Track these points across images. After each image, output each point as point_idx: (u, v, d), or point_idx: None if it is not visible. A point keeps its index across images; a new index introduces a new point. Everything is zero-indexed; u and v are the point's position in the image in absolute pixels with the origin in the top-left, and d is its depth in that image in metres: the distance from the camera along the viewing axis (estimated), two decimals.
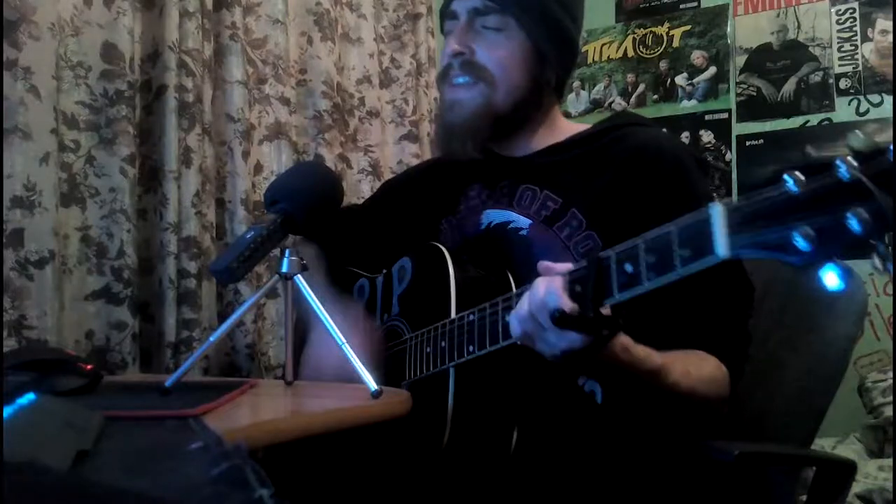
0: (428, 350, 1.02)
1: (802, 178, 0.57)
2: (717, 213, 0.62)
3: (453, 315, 1.00)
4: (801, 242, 0.56)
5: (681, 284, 0.69)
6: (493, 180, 1.16)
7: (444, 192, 1.22)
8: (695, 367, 0.93)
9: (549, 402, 1.00)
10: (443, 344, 0.99)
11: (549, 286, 0.79)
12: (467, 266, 1.06)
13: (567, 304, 0.76)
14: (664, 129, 1.21)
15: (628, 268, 0.72)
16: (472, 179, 1.19)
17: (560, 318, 0.75)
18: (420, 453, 0.99)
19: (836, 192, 0.55)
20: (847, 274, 0.57)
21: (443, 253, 1.06)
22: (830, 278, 0.57)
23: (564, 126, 1.17)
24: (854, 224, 0.53)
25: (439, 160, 1.35)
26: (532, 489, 0.96)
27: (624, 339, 0.84)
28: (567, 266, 0.82)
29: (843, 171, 0.54)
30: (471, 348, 0.94)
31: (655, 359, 0.87)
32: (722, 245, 0.62)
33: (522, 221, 1.09)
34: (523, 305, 0.82)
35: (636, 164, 1.04)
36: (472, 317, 0.95)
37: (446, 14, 1.14)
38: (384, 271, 1.22)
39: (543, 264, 0.85)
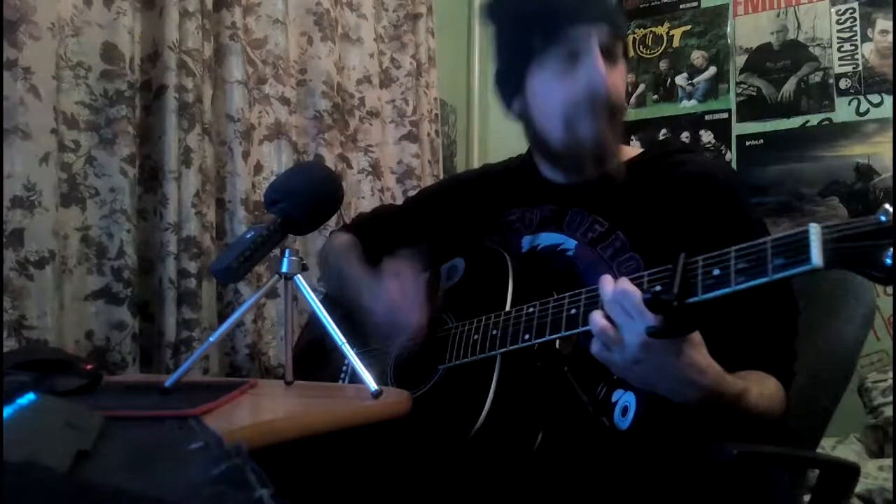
0: (476, 337, 1.03)
1: (891, 211, 0.69)
2: (815, 229, 0.72)
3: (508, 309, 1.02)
4: (888, 260, 0.68)
5: (735, 307, 0.77)
6: (536, 205, 1.16)
7: (486, 211, 1.22)
8: (766, 389, 0.95)
9: (575, 413, 1.01)
10: (494, 332, 1.00)
11: (619, 280, 0.84)
12: (523, 274, 1.07)
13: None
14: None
15: (716, 271, 0.79)
16: (512, 203, 1.20)
17: (653, 300, 0.79)
18: (449, 437, 0.99)
19: None
20: None
21: (504, 257, 1.08)
22: None
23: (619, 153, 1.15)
24: None
25: (479, 177, 1.34)
26: (546, 486, 0.97)
27: (718, 367, 0.87)
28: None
29: None
30: (526, 336, 0.96)
31: (738, 383, 0.90)
32: (817, 255, 0.71)
33: (569, 243, 1.10)
34: (606, 291, 0.85)
35: (690, 190, 1.05)
36: (531, 309, 0.97)
37: (567, 40, 1.05)
38: (429, 270, 1.22)
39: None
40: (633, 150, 1.17)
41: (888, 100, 2.42)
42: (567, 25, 1.05)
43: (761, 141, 2.59)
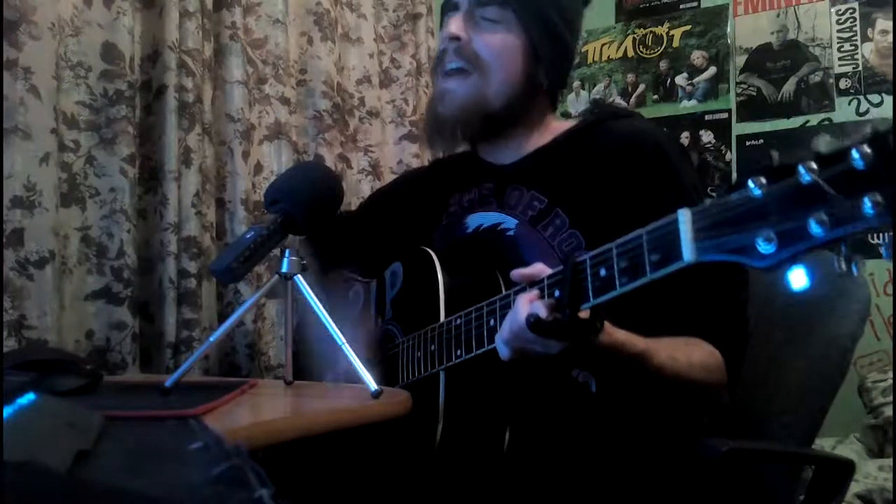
0: (418, 354, 1.03)
1: (765, 182, 0.58)
2: (684, 219, 0.65)
3: (442, 318, 1.01)
4: (763, 247, 0.57)
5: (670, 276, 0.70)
6: (477, 186, 1.17)
7: (431, 202, 1.23)
8: (682, 353, 0.92)
9: (542, 399, 1.00)
10: (432, 348, 1.00)
11: (525, 302, 0.80)
12: (456, 269, 1.07)
13: (543, 311, 0.77)
14: (645, 118, 1.21)
15: (602, 272, 0.74)
16: (454, 189, 1.21)
17: (535, 325, 0.76)
18: (414, 454, 0.99)
19: (797, 196, 0.55)
20: (812, 273, 0.57)
21: (432, 257, 1.07)
22: (796, 279, 0.57)
23: (554, 128, 1.17)
24: (815, 229, 0.54)
25: (428, 169, 1.37)
26: (526, 487, 0.96)
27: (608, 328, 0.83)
28: (540, 267, 0.83)
29: (804, 175, 0.55)
30: (458, 352, 0.96)
31: (637, 343, 0.87)
32: (689, 251, 0.64)
33: (510, 222, 1.10)
34: (505, 328, 0.83)
35: (618, 158, 1.04)
36: (459, 321, 0.97)
37: (447, 7, 1.14)
38: (377, 277, 1.22)
39: (517, 273, 0.86)
40: (567, 123, 1.17)
41: (888, 100, 2.42)
42: None
43: (761, 141, 2.59)
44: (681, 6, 2.76)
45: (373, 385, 0.87)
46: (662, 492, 0.98)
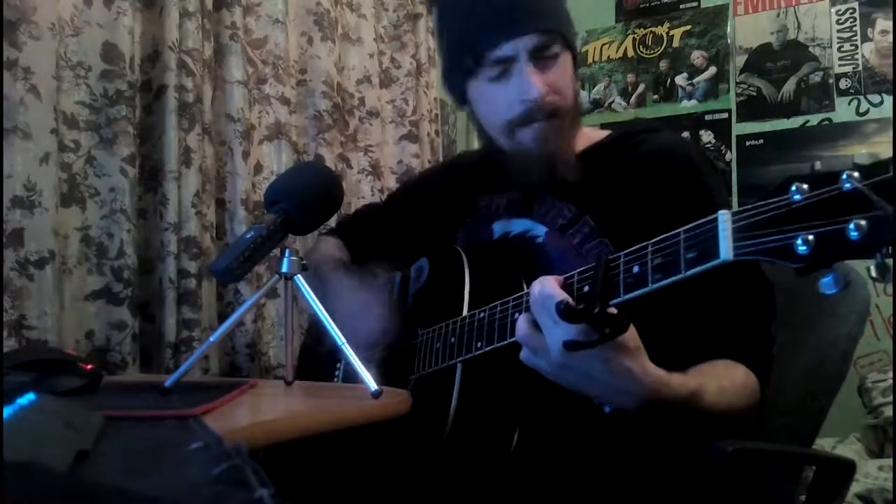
0: (437, 345, 1.03)
1: (806, 188, 0.60)
2: (724, 219, 0.67)
3: (465, 314, 1.01)
4: (801, 248, 0.60)
5: (702, 291, 0.71)
6: (506, 192, 1.17)
7: (459, 200, 1.23)
8: (728, 381, 0.91)
9: (554, 406, 1.00)
10: (452, 340, 1.00)
11: (544, 283, 0.79)
12: (481, 271, 1.07)
13: (570, 300, 0.76)
14: (681, 134, 1.21)
15: (635, 269, 0.75)
16: (482, 190, 1.20)
17: (566, 310, 0.75)
18: (421, 447, 0.99)
19: (838, 201, 0.58)
20: (842, 280, 0.60)
21: (461, 256, 1.08)
22: (827, 284, 0.60)
23: (584, 136, 1.15)
24: (853, 233, 0.57)
25: (453, 166, 1.37)
26: (530, 487, 0.96)
27: (660, 373, 0.81)
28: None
29: (846, 182, 0.58)
30: (479, 344, 0.95)
31: (690, 383, 0.85)
32: (726, 249, 0.66)
33: (539, 230, 1.10)
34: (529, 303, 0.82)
35: (649, 170, 1.05)
36: (482, 314, 0.96)
37: (495, 59, 1.04)
38: (401, 271, 1.22)
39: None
40: (598, 133, 1.17)
41: (888, 100, 2.42)
42: (493, 47, 1.03)
43: (761, 141, 2.59)
44: (681, 6, 2.76)
45: (373, 385, 0.87)
46: (665, 493, 0.98)
